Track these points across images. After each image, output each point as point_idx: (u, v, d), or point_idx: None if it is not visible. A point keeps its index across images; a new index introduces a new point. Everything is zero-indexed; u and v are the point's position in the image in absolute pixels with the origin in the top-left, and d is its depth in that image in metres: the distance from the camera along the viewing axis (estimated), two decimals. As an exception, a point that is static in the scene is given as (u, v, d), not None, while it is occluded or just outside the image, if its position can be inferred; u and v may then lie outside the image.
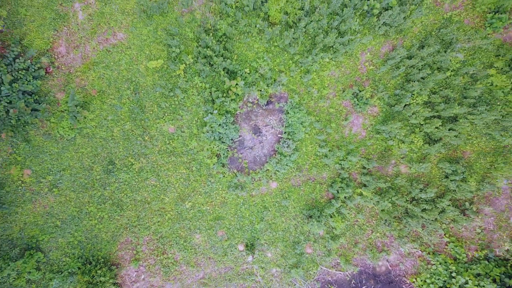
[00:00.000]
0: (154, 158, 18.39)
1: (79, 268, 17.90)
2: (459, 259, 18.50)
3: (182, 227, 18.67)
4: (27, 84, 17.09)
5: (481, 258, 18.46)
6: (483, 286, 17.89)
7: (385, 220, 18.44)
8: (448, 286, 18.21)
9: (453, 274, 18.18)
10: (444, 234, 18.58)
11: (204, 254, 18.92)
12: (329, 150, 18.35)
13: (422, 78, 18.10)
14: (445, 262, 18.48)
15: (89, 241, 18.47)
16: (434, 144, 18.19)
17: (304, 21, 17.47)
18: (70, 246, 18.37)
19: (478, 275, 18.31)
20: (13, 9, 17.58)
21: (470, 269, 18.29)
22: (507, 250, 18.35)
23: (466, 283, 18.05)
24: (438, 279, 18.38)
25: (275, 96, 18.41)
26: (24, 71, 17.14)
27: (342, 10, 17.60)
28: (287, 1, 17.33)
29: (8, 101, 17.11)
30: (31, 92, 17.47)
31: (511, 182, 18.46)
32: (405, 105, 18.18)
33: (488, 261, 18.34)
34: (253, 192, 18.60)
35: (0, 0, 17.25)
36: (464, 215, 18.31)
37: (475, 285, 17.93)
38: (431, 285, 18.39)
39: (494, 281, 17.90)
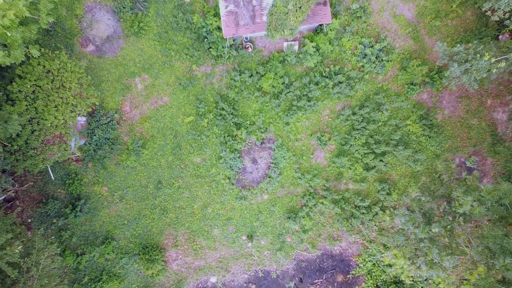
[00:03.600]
0: (187, 179, 28.05)
1: (140, 251, 27.62)
2: (386, 245, 28.11)
3: (206, 224, 28.38)
4: (108, 133, 26.73)
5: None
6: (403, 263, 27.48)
7: (338, 219, 28.07)
8: (378, 262, 27.86)
9: (383, 255, 27.80)
10: (377, 229, 28.21)
11: (220, 242, 28.63)
12: (302, 174, 27.96)
13: (362, 127, 27.66)
14: (378, 247, 28.10)
15: (145, 234, 28.18)
16: (370, 170, 27.76)
17: (285, 91, 27.05)
18: (133, 236, 28.07)
19: (400, 255, 27.86)
20: (96, 83, 27.12)
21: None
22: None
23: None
24: (373, 258, 28.02)
25: (266, 139, 28.04)
26: (105, 124, 26.76)
27: (309, 84, 27.16)
28: (273, 79, 26.88)
29: (95, 144, 26.76)
30: (109, 137, 27.08)
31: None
32: (351, 145, 27.72)
33: (406, 247, 27.87)
34: (252, 201, 28.27)
35: (92, 80, 26.73)
36: (390, 217, 27.89)
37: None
38: (368, 262, 28.04)
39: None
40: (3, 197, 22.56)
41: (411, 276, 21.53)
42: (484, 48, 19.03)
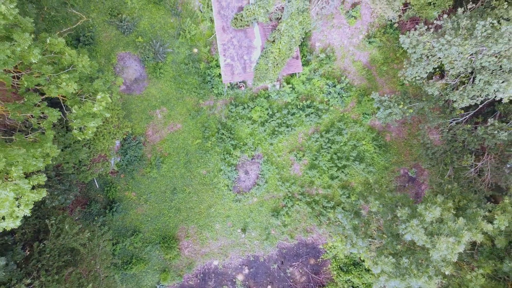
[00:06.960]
0: (196, 186, 36.91)
1: (160, 240, 36.51)
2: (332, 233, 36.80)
3: (210, 221, 37.26)
4: (136, 152, 35.60)
5: (358, 236, 36.75)
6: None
7: (310, 217, 36.88)
8: (339, 249, 36.66)
9: (328, 241, 36.53)
10: (327, 223, 36.90)
11: (221, 234, 37.49)
12: (282, 182, 36.77)
13: (328, 147, 36.42)
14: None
15: (164, 228, 37.06)
16: (334, 179, 36.52)
17: (269, 120, 35.85)
18: (155, 230, 36.96)
19: (358, 244, 36.58)
20: (127, 114, 35.93)
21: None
22: None
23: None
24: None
25: (256, 156, 36.88)
26: (134, 146, 35.63)
27: (288, 114, 35.93)
28: (261, 110, 35.67)
29: (127, 160, 35.61)
30: (137, 155, 35.94)
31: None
32: (320, 160, 36.48)
33: (343, 234, 36.59)
34: (245, 203, 37.11)
35: (125, 113, 35.53)
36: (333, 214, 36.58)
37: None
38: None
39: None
40: (70, 202, 31.37)
41: (345, 254, 30.40)
42: (402, 98, 27.72)
